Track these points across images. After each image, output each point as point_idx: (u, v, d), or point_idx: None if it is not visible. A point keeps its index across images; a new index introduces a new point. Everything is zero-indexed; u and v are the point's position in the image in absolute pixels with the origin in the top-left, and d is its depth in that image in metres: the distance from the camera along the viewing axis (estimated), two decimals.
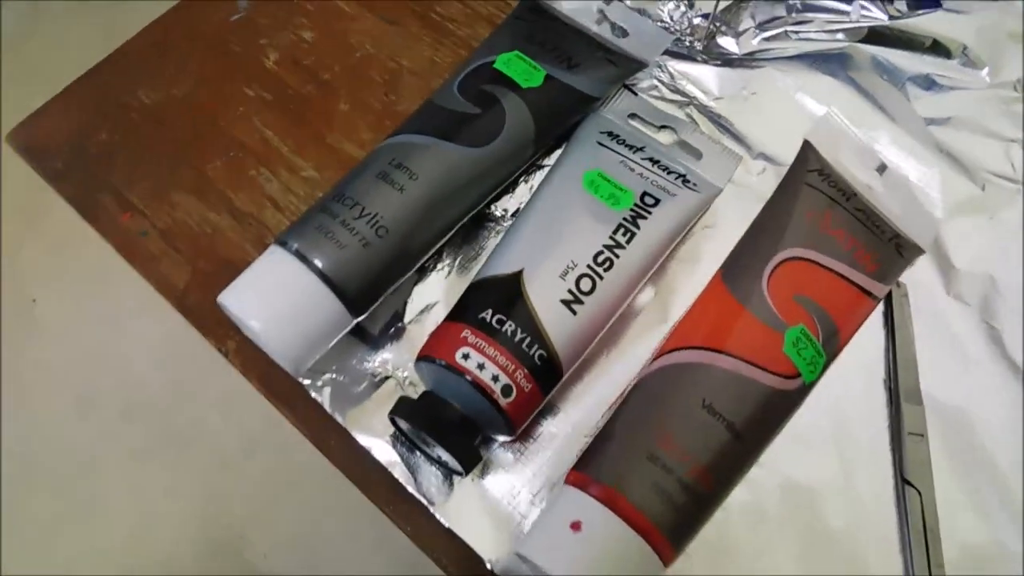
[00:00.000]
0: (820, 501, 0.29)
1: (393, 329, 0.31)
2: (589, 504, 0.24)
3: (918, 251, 0.32)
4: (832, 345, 0.29)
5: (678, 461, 0.25)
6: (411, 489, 0.28)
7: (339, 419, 0.29)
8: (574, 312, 0.28)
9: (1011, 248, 0.33)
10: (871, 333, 0.31)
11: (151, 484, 0.87)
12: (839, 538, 0.28)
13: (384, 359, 0.30)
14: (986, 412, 0.30)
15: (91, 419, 0.90)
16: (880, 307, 0.32)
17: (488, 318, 0.27)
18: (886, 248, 0.31)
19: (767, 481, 0.29)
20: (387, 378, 0.30)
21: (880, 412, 0.30)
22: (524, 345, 0.27)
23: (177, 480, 0.87)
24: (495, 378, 0.26)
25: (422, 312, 0.31)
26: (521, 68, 0.32)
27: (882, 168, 0.33)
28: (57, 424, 0.90)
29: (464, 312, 0.28)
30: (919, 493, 0.29)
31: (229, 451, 0.88)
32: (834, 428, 0.30)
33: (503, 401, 0.26)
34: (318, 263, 0.27)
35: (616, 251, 0.29)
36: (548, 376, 0.27)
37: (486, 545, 0.28)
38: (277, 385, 0.30)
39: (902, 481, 0.29)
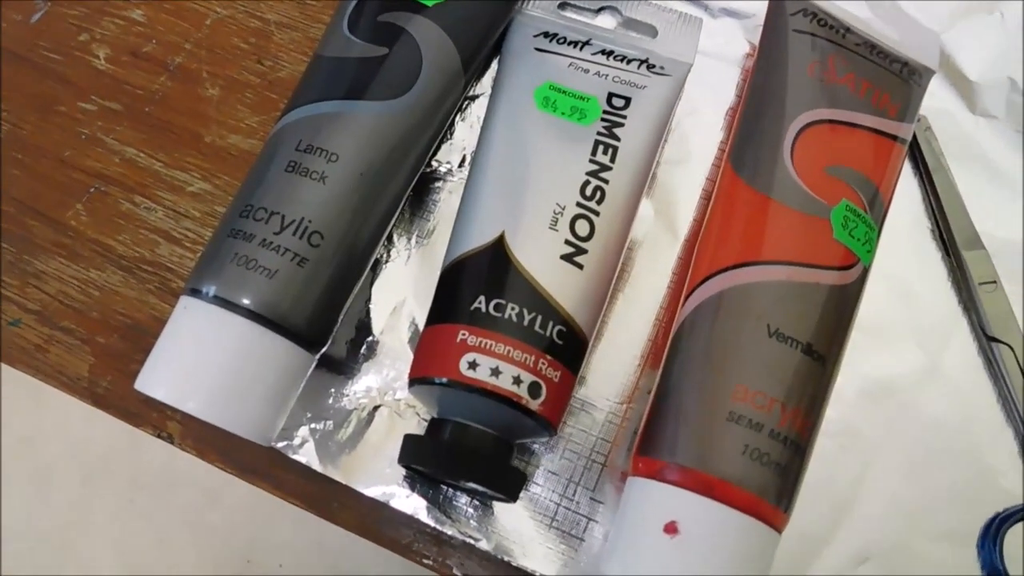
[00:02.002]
0: (907, 392, 0.25)
1: (364, 347, 0.25)
2: (678, 496, 0.20)
3: (929, 73, 0.27)
4: (878, 212, 0.24)
5: (763, 411, 0.20)
6: (449, 531, 0.23)
7: (336, 476, 0.23)
8: (580, 266, 0.22)
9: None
10: (902, 184, 0.27)
11: (136, 539, 0.81)
12: (940, 426, 0.25)
13: (366, 387, 0.24)
14: None
15: (51, 493, 0.83)
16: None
17: (483, 307, 0.21)
18: (898, 81, 0.26)
19: (846, 390, 0.25)
20: (377, 407, 0.24)
21: (939, 270, 0.26)
22: (536, 326, 0.21)
23: (163, 527, 0.81)
24: (517, 380, 0.20)
25: (392, 315, 0.25)
26: None
27: None
28: (15, 506, 0.82)
29: (449, 307, 0.22)
30: (1010, 347, 0.25)
31: (209, 484, 0.82)
32: (894, 305, 0.26)
33: (534, 404, 0.21)
34: (247, 303, 0.21)
35: (603, 175, 0.23)
36: (574, 352, 0.22)
37: (556, 566, 0.23)
38: (246, 459, 0.24)
39: (987, 340, 0.25)
